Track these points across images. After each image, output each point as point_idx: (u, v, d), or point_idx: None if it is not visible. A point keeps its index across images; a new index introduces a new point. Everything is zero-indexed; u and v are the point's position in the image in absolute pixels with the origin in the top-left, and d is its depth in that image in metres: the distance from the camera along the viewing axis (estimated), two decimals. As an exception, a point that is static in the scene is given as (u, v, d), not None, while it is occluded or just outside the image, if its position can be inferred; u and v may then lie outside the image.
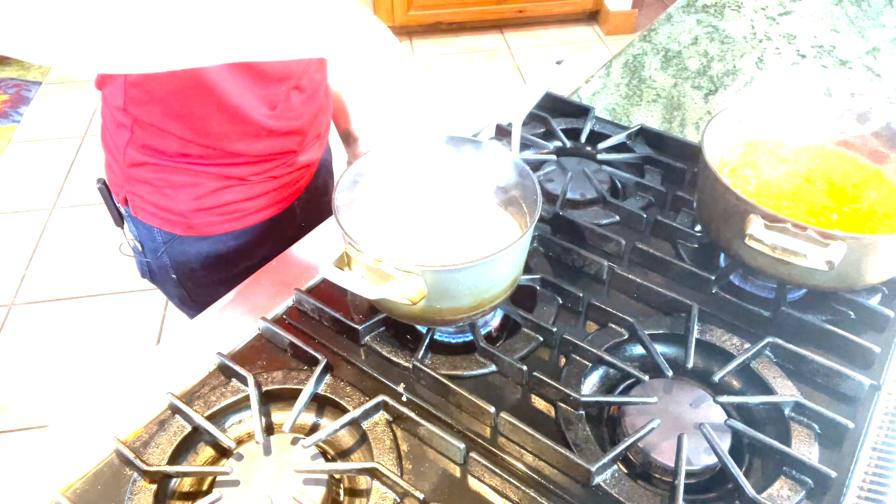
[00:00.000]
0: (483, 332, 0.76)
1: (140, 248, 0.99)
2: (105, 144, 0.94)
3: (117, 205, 0.97)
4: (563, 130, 1.04)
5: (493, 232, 0.76)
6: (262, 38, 0.58)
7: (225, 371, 0.71)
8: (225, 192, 0.92)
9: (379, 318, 0.75)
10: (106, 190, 0.97)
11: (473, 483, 0.63)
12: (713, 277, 0.80)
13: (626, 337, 0.75)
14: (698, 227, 0.87)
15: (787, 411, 0.67)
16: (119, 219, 0.99)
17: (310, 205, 1.05)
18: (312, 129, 0.97)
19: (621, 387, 0.72)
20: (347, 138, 1.16)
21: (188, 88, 0.80)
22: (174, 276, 0.99)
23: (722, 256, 0.85)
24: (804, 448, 0.64)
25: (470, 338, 0.75)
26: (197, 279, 0.99)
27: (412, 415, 0.66)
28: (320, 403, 0.70)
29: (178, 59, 0.56)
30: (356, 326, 0.74)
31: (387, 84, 0.65)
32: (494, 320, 0.78)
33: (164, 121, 0.84)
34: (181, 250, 0.96)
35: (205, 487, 0.63)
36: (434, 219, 0.76)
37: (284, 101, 0.89)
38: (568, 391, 0.67)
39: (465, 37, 3.56)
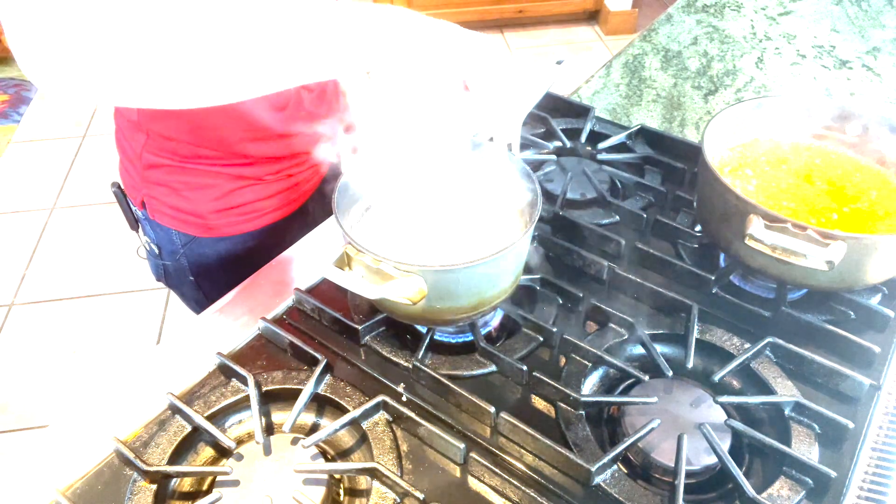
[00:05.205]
0: (483, 332, 0.76)
1: (157, 251, 0.98)
2: (120, 147, 0.93)
3: (133, 208, 0.97)
4: (563, 130, 1.04)
5: (493, 232, 0.76)
6: (304, 65, 0.57)
7: (225, 371, 0.71)
8: (241, 192, 0.92)
9: (379, 318, 0.75)
10: (121, 193, 0.97)
11: (473, 483, 0.63)
12: (713, 277, 0.80)
13: (626, 337, 0.75)
14: (698, 227, 0.87)
15: (787, 411, 0.67)
16: (134, 222, 0.99)
17: (323, 203, 1.05)
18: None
19: (621, 387, 0.72)
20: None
21: None
22: (192, 277, 0.99)
23: (722, 256, 0.85)
24: (804, 448, 0.64)
25: (470, 338, 0.75)
26: (215, 280, 0.99)
27: (412, 415, 0.66)
28: (320, 403, 0.70)
29: (225, 95, 0.56)
30: (356, 326, 0.74)
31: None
32: (494, 320, 0.78)
33: (176, 131, 0.85)
34: (199, 252, 0.96)
35: (205, 487, 0.63)
36: (434, 219, 0.76)
37: (294, 102, 0.89)
38: (568, 391, 0.67)
39: (465, 37, 3.55)
